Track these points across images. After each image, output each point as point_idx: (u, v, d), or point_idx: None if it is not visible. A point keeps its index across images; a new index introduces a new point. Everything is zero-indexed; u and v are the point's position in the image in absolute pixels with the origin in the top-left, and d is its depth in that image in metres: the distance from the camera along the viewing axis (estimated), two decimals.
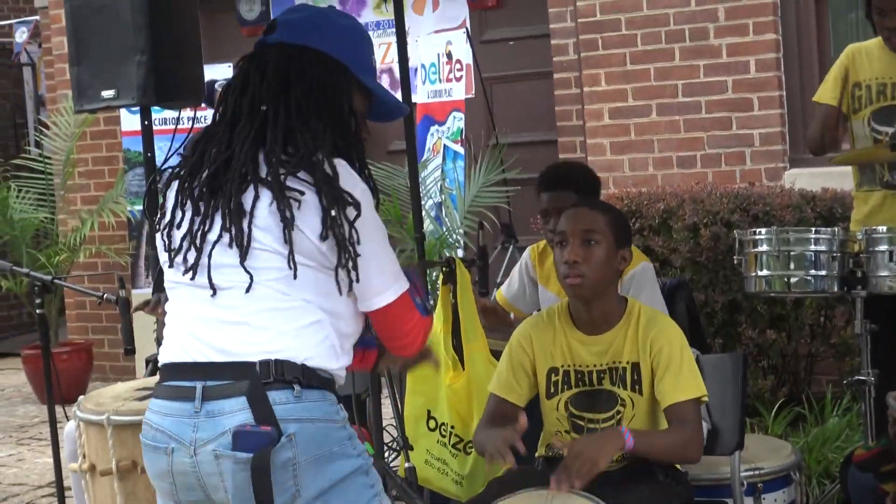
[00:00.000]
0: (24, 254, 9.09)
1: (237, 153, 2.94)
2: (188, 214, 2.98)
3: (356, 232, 2.88)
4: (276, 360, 2.89)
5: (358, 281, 2.92)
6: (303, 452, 2.85)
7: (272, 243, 2.87)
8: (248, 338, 2.92)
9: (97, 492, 4.67)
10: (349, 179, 2.94)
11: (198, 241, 2.93)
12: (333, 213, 2.85)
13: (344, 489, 2.89)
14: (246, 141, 2.95)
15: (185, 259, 2.95)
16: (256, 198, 2.87)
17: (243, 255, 2.87)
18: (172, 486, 2.96)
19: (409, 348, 3.18)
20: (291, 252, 2.85)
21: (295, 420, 2.86)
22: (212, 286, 2.91)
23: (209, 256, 2.91)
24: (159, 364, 3.07)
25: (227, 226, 2.89)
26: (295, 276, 2.86)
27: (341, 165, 2.95)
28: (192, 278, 2.94)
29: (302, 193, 2.86)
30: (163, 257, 3.06)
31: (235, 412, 2.84)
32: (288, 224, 2.84)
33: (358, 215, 2.90)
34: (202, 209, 2.95)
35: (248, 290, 2.89)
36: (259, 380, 2.87)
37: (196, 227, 2.95)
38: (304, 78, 3.04)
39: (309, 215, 2.86)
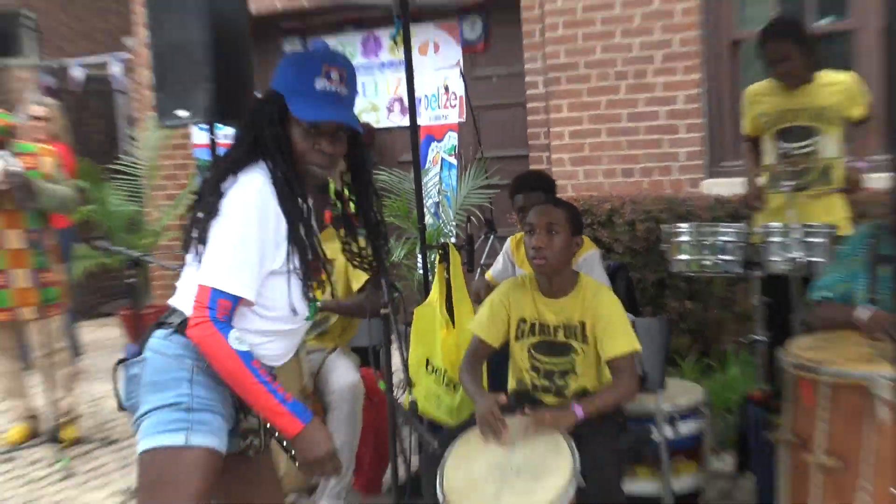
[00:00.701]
0: (119, 237, 9.11)
1: None
2: None
3: (208, 231, 2.86)
4: (173, 308, 2.95)
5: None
6: (146, 374, 2.89)
7: None
8: (178, 293, 2.99)
9: None
10: (233, 197, 2.86)
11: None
12: (200, 215, 2.88)
13: (158, 414, 2.85)
14: None
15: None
16: None
17: (186, 246, 2.96)
18: None
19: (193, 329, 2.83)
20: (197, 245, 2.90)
21: (151, 350, 2.90)
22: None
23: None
24: None
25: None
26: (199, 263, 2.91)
27: (237, 185, 2.88)
28: None
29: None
30: None
31: None
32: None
33: (213, 218, 2.86)
34: None
35: (184, 268, 2.99)
36: (160, 319, 2.96)
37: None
38: (247, 111, 3.05)
39: None
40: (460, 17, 8.83)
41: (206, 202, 2.88)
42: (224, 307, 2.79)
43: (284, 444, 3.03)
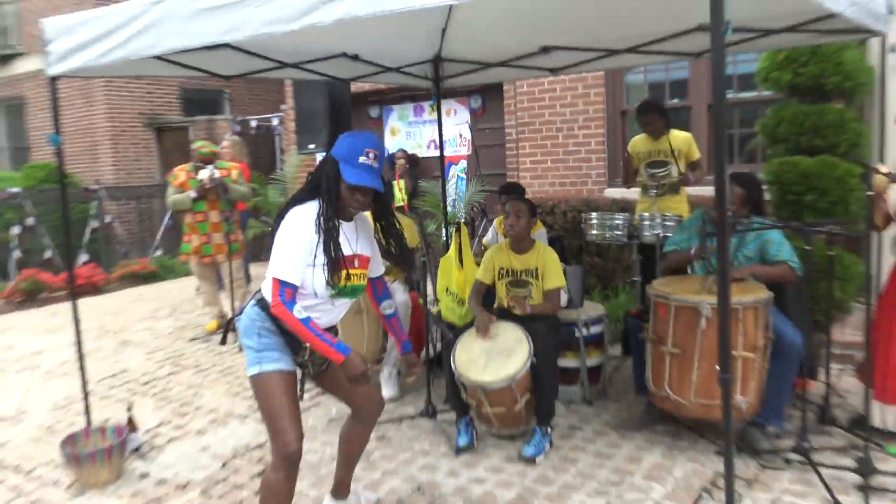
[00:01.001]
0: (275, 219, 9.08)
1: None
2: None
3: (273, 241, 2.65)
4: (259, 289, 2.78)
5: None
6: (240, 326, 2.74)
7: None
8: (265, 280, 2.75)
9: None
10: (292, 219, 2.62)
11: None
12: (271, 230, 2.70)
13: (247, 353, 2.69)
14: None
15: None
16: None
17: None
18: None
19: (273, 308, 2.60)
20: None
21: (244, 313, 2.74)
22: None
23: None
24: None
25: None
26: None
27: (295, 211, 2.64)
28: None
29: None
30: None
31: None
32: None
33: (275, 231, 2.64)
34: None
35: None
36: (253, 295, 2.80)
37: None
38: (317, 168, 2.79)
39: None
40: (468, 95, 8.68)
41: (276, 223, 2.69)
42: (288, 293, 2.57)
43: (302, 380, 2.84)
